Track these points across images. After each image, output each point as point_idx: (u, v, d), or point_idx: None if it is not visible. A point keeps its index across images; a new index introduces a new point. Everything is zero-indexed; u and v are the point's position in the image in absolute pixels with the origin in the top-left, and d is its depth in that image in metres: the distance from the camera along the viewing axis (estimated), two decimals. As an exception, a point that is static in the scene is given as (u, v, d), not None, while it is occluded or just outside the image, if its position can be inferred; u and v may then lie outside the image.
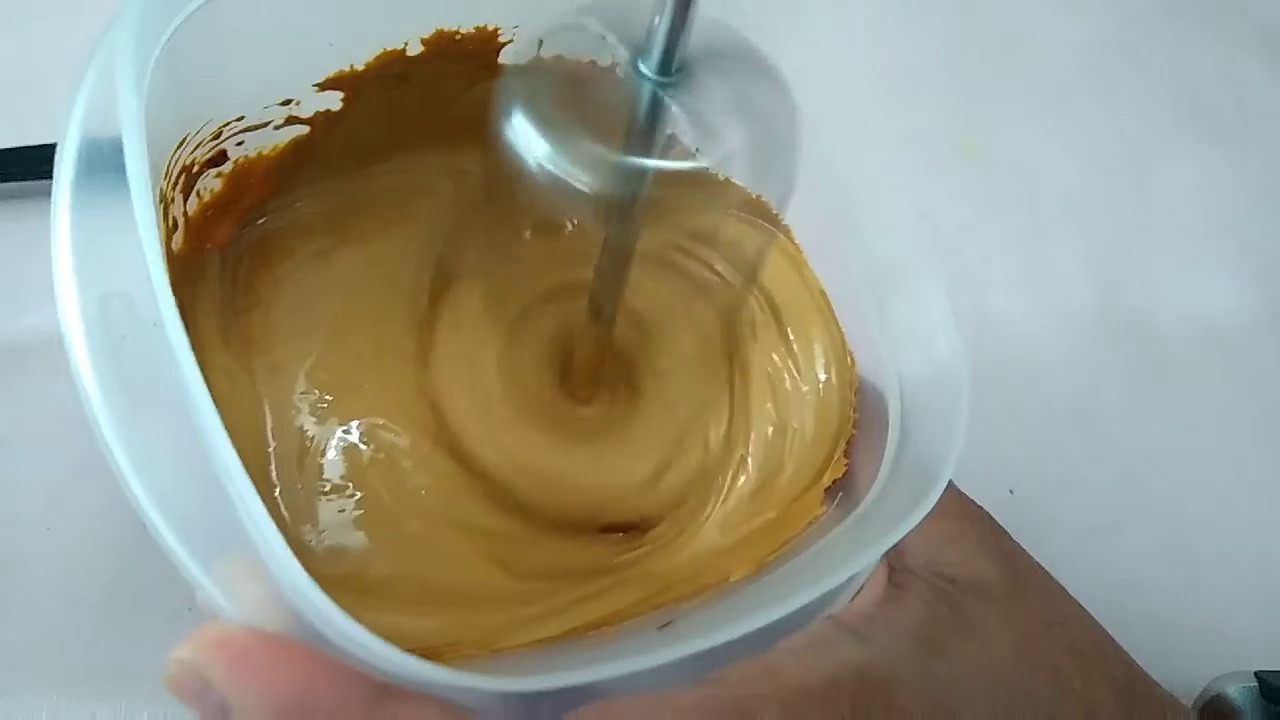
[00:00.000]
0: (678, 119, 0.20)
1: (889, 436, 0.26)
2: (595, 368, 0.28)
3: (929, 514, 0.22)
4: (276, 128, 0.27)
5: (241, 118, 0.26)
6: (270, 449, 0.26)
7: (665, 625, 0.22)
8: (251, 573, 0.18)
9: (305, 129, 0.27)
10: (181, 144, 0.24)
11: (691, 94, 0.20)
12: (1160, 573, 0.37)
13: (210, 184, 0.26)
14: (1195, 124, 0.48)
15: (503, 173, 0.20)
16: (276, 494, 0.25)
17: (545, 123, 0.20)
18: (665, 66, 0.19)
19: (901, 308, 0.26)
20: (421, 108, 0.29)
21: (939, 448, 0.24)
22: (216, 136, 0.25)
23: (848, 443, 0.28)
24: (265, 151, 0.27)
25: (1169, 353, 0.42)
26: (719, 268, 0.30)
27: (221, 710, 0.17)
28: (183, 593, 0.26)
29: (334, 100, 0.27)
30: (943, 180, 0.45)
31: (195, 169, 0.25)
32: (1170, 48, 0.50)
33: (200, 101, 0.24)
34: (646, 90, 0.19)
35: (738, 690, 0.20)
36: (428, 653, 0.23)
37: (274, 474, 0.26)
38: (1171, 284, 0.44)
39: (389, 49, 0.27)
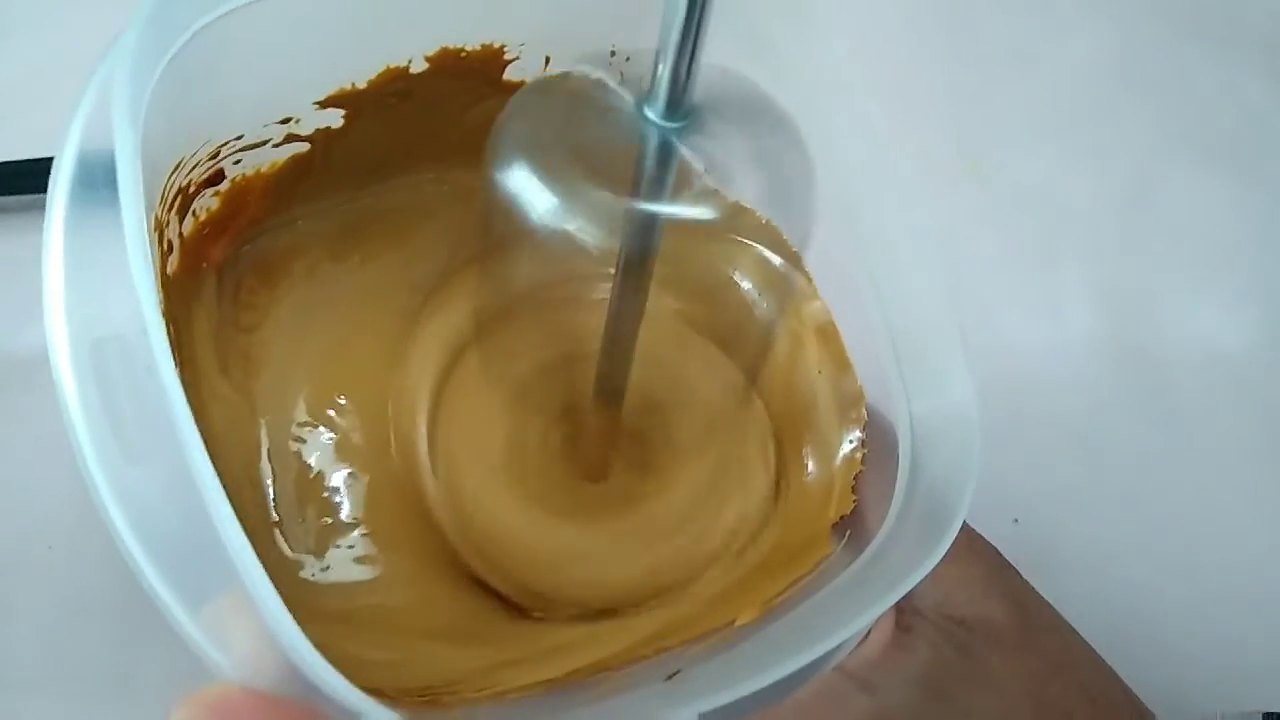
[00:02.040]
0: (691, 162, 0.19)
1: (899, 472, 0.25)
2: (606, 447, 0.27)
3: None
4: (275, 146, 0.26)
5: (240, 136, 0.25)
6: (269, 480, 0.25)
7: (672, 675, 0.21)
8: (242, 611, 0.17)
9: (305, 147, 0.27)
10: (177, 167, 0.23)
11: (702, 138, 0.19)
12: (1167, 605, 0.37)
13: (206, 203, 0.26)
14: (1202, 147, 0.48)
15: (503, 226, 0.20)
16: (276, 529, 0.25)
17: (549, 174, 0.19)
18: (672, 111, 0.18)
19: (914, 339, 0.26)
20: (424, 126, 0.28)
21: (951, 485, 0.23)
22: (214, 156, 0.25)
23: (855, 477, 0.28)
24: (263, 169, 0.26)
25: (1175, 379, 0.42)
26: (731, 319, 0.29)
27: None
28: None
29: (335, 118, 0.26)
30: (948, 202, 0.44)
31: (191, 190, 0.24)
32: (1176, 71, 0.50)
33: (199, 122, 0.24)
34: (654, 135, 0.19)
35: (748, 749, 0.20)
36: (427, 694, 0.22)
37: (274, 508, 0.25)
38: (1178, 309, 0.44)
39: (392, 66, 0.26)
